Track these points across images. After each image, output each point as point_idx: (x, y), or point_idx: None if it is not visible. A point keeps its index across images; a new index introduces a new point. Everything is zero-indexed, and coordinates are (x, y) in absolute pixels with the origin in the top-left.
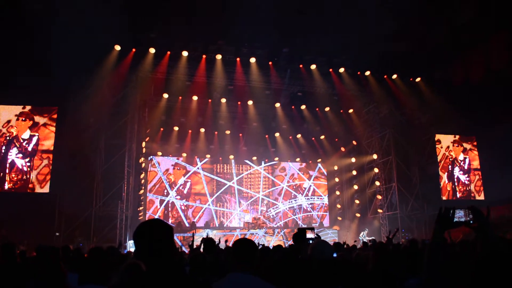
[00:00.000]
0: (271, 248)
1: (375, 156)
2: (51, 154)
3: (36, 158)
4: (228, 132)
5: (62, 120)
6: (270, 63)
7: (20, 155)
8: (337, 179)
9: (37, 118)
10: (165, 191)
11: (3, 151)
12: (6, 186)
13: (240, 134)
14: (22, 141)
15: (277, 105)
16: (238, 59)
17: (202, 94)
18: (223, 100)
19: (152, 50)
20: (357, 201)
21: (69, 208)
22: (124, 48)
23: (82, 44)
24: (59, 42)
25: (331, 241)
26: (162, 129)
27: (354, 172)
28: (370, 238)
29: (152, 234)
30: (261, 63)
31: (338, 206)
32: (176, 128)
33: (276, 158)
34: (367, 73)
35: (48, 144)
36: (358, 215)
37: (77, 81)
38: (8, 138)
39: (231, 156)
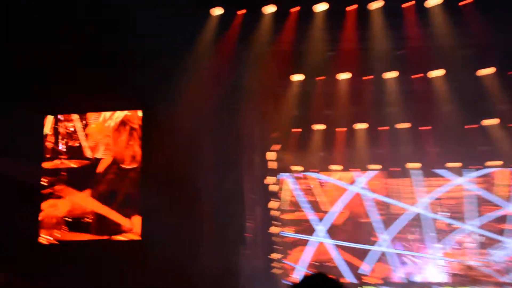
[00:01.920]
0: None
1: None
2: (136, 178)
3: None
4: (404, 125)
5: (150, 129)
6: (465, 1)
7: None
8: None
9: (111, 127)
10: (309, 225)
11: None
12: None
13: (426, 127)
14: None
15: (486, 71)
16: (410, 3)
17: (355, 69)
18: (391, 75)
19: (269, 9)
20: None
21: (165, 257)
22: (227, 11)
23: (168, 21)
24: (135, 24)
25: None
26: (297, 129)
27: None
28: None
29: None
30: (449, 4)
31: None
32: (318, 127)
33: (495, 163)
34: None
35: (130, 162)
36: None
37: (165, 73)
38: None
39: (413, 165)
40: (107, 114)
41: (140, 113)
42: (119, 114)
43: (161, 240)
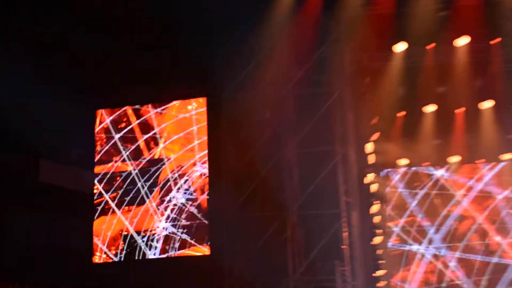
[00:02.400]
0: None
1: None
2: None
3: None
4: None
5: (217, 120)
6: None
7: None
8: None
9: (171, 120)
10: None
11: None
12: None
13: None
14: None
15: None
16: None
17: (477, 31)
18: None
19: None
20: None
21: (240, 275)
22: None
23: None
24: None
25: None
26: (402, 113)
27: None
28: None
29: None
30: None
31: None
32: (430, 108)
33: None
34: None
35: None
36: None
37: (234, 51)
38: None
39: None
40: (166, 105)
41: (204, 102)
42: (180, 104)
43: (235, 254)
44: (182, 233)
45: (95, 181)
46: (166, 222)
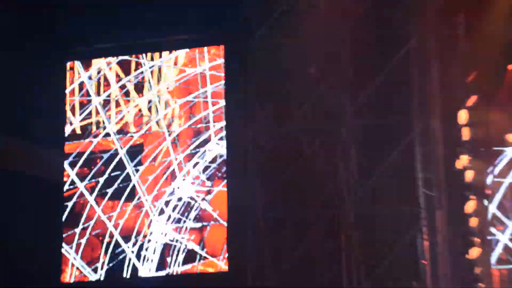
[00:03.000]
0: None
1: None
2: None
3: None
4: None
5: (239, 81)
6: None
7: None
8: None
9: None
10: None
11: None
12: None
13: None
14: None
15: None
16: None
17: None
18: None
19: None
20: None
21: None
22: None
23: None
24: None
25: None
26: (509, 68)
27: None
28: None
29: None
30: None
31: None
32: None
33: None
34: None
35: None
36: None
37: None
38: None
39: None
40: (164, 55)
41: (221, 51)
42: (187, 55)
43: (264, 269)
44: (188, 240)
45: (65, 165)
46: (166, 224)
